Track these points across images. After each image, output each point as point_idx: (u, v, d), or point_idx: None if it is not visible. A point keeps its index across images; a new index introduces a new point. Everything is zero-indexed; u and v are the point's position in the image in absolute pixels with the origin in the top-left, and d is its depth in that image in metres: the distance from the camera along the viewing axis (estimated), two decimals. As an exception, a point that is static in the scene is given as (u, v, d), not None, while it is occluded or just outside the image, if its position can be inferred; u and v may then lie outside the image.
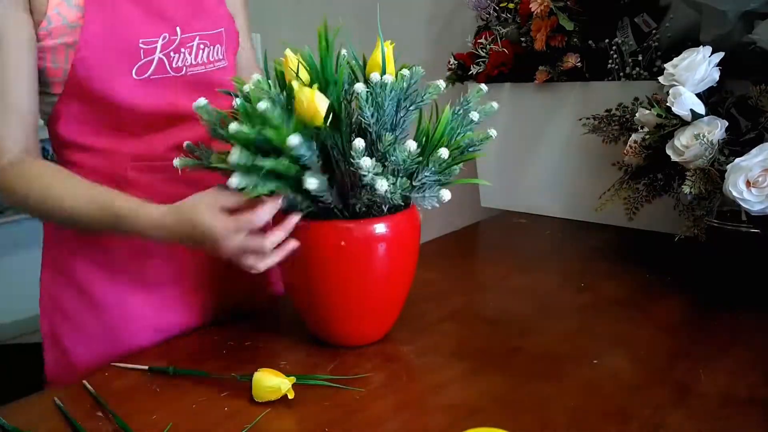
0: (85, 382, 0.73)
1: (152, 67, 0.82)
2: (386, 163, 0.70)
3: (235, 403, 0.68)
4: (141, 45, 0.81)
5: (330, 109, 0.69)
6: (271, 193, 0.70)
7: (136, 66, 0.81)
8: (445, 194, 0.73)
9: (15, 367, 2.14)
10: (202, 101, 0.75)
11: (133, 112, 0.83)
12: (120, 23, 0.80)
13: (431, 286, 0.98)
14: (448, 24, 1.60)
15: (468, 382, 0.71)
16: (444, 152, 0.70)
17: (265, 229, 0.71)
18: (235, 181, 0.67)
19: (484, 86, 0.79)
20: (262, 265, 0.71)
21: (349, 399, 0.68)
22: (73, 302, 0.87)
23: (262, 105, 0.67)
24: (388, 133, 0.70)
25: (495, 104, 0.79)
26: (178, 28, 0.84)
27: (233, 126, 0.67)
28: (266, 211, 0.70)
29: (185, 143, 0.79)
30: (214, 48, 0.89)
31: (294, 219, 0.71)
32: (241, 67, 1.00)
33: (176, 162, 0.77)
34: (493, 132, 0.76)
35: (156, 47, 0.82)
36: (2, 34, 0.76)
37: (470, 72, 1.32)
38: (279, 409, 0.67)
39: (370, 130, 0.71)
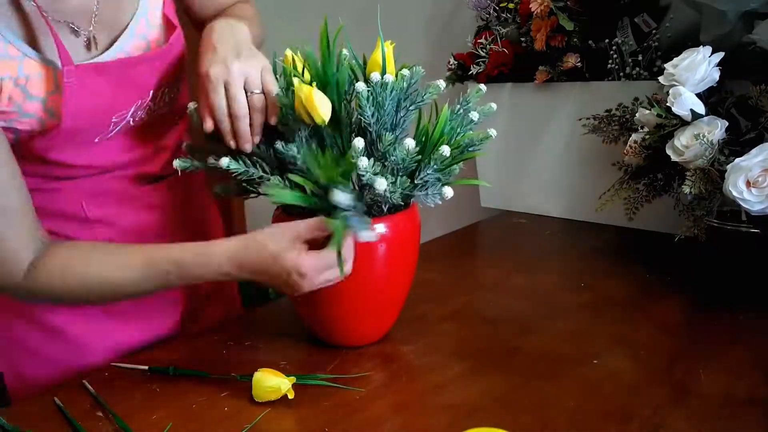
0: (85, 382, 0.73)
1: (115, 130, 0.79)
2: (386, 163, 0.70)
3: (235, 403, 0.68)
4: (113, 120, 0.77)
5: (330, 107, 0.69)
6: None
7: (100, 135, 0.78)
8: (448, 191, 0.73)
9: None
10: (192, 105, 0.75)
11: (85, 166, 0.80)
12: (94, 106, 0.74)
13: (431, 286, 0.98)
14: (448, 24, 1.60)
15: (468, 382, 0.71)
16: (446, 150, 0.70)
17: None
18: (225, 161, 0.70)
19: (483, 86, 0.79)
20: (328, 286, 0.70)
21: (349, 399, 0.68)
22: (25, 331, 0.84)
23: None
24: (388, 133, 0.70)
25: (494, 105, 0.79)
26: (151, 91, 0.79)
27: (224, 161, 0.70)
28: (351, 247, 0.68)
29: (184, 144, 0.79)
30: (175, 87, 0.85)
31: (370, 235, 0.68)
32: (206, 13, 0.91)
33: (176, 163, 0.75)
34: (493, 132, 0.76)
35: (127, 114, 0.78)
36: None
37: (470, 72, 1.32)
38: (279, 409, 0.67)
39: (371, 130, 0.72)
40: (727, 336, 0.78)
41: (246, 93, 0.71)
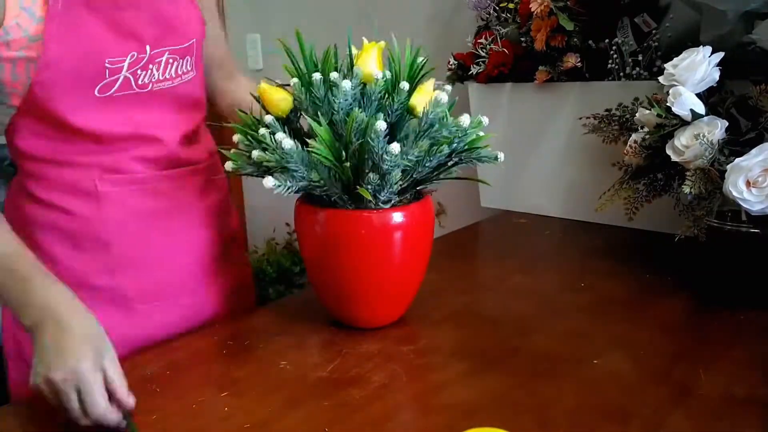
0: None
1: (116, 86, 0.78)
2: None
3: (235, 403, 0.68)
4: (107, 65, 0.76)
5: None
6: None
7: (99, 85, 0.77)
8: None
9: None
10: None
11: (93, 132, 0.80)
12: (85, 41, 0.75)
13: (431, 286, 0.97)
14: (448, 24, 1.60)
15: (468, 382, 0.71)
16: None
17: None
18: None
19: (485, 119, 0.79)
20: (81, 419, 0.64)
21: (349, 399, 0.68)
22: None
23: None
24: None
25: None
26: (147, 47, 0.79)
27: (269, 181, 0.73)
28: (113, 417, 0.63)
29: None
30: (183, 60, 0.85)
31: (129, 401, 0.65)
32: (213, 63, 0.97)
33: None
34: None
35: (123, 66, 0.77)
36: None
37: (470, 72, 1.32)
38: (279, 408, 0.67)
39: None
40: (727, 336, 0.78)
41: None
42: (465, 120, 0.76)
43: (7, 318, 0.87)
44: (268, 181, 0.72)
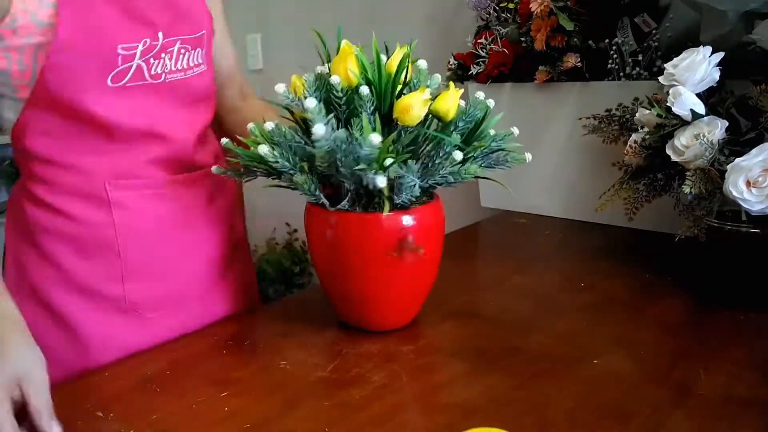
0: (84, 382, 0.73)
1: (129, 74, 0.77)
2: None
3: (235, 403, 0.68)
4: (120, 51, 0.76)
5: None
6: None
7: (112, 73, 0.76)
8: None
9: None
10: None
11: (107, 123, 0.78)
12: (97, 26, 0.74)
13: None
14: (448, 24, 1.60)
15: (468, 382, 0.71)
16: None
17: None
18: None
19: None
20: None
21: (349, 399, 0.68)
22: (37, 318, 0.82)
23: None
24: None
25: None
26: (160, 34, 0.79)
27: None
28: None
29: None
30: (195, 52, 0.85)
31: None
32: (222, 76, 0.98)
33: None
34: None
35: (135, 53, 0.77)
36: None
37: (470, 72, 1.32)
38: (279, 408, 0.67)
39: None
40: (727, 336, 0.78)
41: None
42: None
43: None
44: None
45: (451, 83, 0.78)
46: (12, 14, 0.71)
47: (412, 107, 0.71)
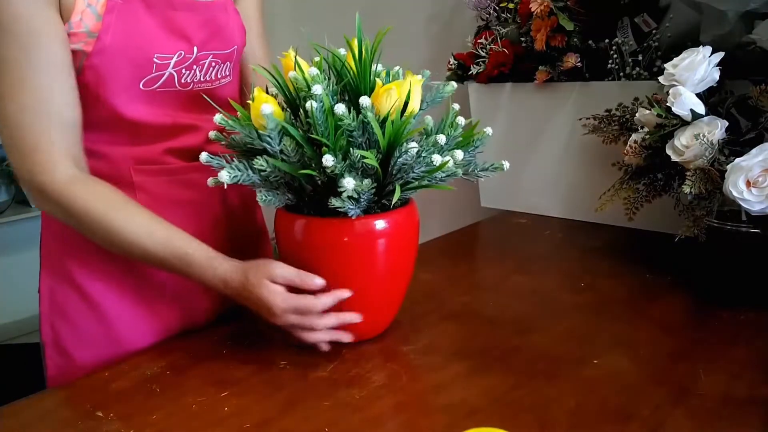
0: (84, 382, 0.73)
1: (161, 81, 0.82)
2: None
3: (235, 403, 0.68)
4: (155, 59, 0.80)
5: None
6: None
7: (145, 78, 0.80)
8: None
9: (15, 367, 2.13)
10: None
11: (133, 121, 0.82)
12: (137, 35, 0.79)
13: (431, 286, 0.98)
14: (448, 24, 1.60)
15: (468, 382, 0.71)
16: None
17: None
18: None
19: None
20: (312, 339, 0.75)
21: (349, 399, 0.68)
22: (74, 306, 0.86)
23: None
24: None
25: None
26: (195, 48, 0.83)
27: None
28: (328, 300, 0.73)
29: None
30: (224, 65, 0.89)
31: (343, 294, 0.74)
32: (248, 78, 0.99)
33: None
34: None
35: (170, 63, 0.82)
36: (38, 33, 0.72)
37: (470, 72, 1.33)
38: (279, 408, 0.67)
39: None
40: (727, 336, 0.78)
41: None
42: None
43: (45, 305, 0.88)
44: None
45: (408, 72, 0.76)
46: (70, 23, 0.76)
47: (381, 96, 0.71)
